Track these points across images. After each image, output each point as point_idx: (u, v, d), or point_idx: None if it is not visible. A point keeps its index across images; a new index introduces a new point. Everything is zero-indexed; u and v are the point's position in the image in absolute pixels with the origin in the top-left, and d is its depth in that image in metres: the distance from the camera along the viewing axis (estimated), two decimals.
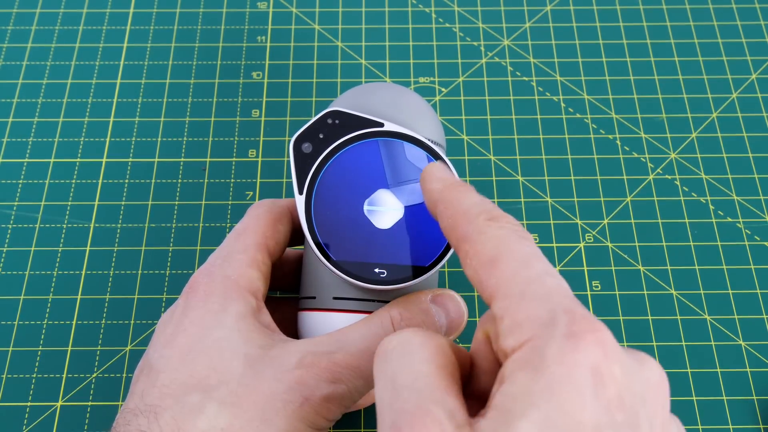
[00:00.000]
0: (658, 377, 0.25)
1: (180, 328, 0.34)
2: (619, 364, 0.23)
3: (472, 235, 0.28)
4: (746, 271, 0.47)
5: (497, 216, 0.28)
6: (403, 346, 0.26)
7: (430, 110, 0.39)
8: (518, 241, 0.27)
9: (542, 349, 0.23)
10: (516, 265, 0.26)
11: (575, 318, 0.23)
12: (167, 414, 0.31)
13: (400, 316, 0.34)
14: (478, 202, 0.29)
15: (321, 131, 0.36)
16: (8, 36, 0.56)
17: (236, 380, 0.32)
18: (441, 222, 0.30)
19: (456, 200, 0.30)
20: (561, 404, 0.22)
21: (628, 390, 0.23)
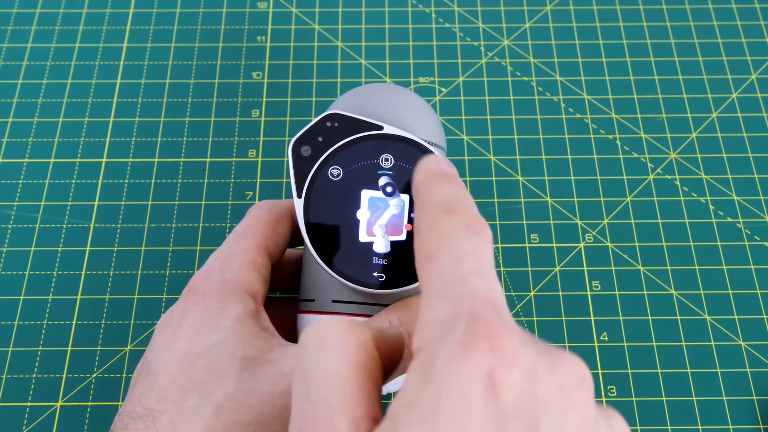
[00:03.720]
0: (575, 378, 0.23)
1: (178, 331, 0.34)
2: (518, 369, 0.21)
3: (423, 228, 0.27)
4: (746, 271, 0.47)
5: (454, 209, 0.27)
6: (322, 340, 0.25)
7: (431, 111, 0.39)
8: (463, 236, 0.26)
9: (435, 355, 0.22)
10: (446, 262, 0.25)
11: (475, 322, 0.22)
12: (165, 418, 0.31)
13: (399, 320, 0.34)
14: (447, 194, 0.28)
15: (320, 134, 0.36)
16: (8, 36, 0.56)
17: (234, 384, 0.32)
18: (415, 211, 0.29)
19: (427, 192, 0.29)
20: (448, 416, 0.21)
21: (528, 396, 0.21)
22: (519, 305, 0.46)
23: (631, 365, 0.44)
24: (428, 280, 0.25)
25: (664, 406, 0.43)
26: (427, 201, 0.28)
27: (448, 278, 0.24)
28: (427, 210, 0.28)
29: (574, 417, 0.22)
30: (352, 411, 0.23)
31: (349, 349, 0.24)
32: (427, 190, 0.29)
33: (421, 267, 0.26)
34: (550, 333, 0.45)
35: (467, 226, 0.26)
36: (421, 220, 0.28)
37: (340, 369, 0.24)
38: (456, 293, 0.24)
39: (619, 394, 0.43)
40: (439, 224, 0.26)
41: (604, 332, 0.45)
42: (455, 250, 0.25)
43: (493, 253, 0.26)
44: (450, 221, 0.26)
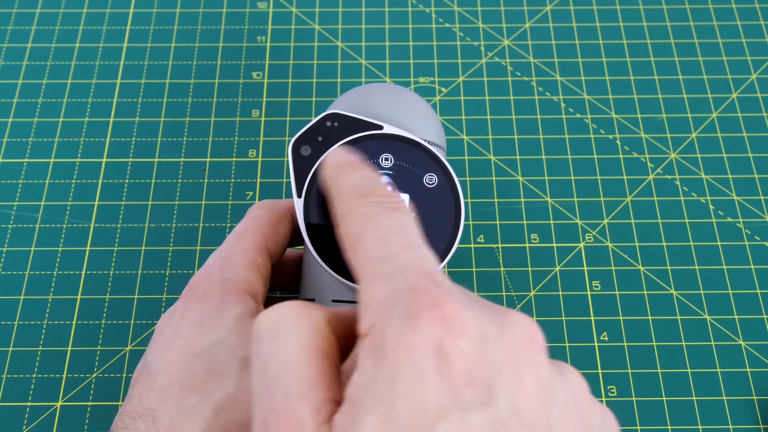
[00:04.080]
0: (526, 336, 0.23)
1: (178, 330, 0.34)
2: (467, 336, 0.22)
3: (344, 216, 0.27)
4: (746, 271, 0.47)
5: (368, 191, 0.27)
6: (275, 326, 0.25)
7: (431, 111, 0.39)
8: (383, 216, 0.26)
9: (383, 334, 0.22)
10: (373, 243, 0.25)
11: (416, 295, 0.22)
12: (165, 418, 0.31)
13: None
14: (357, 179, 0.28)
15: (320, 134, 0.36)
16: (8, 36, 0.56)
17: (234, 384, 0.32)
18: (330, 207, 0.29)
19: (338, 181, 0.29)
20: (404, 392, 0.21)
21: (480, 361, 0.21)
22: (519, 305, 0.46)
23: (631, 365, 0.44)
24: (360, 264, 0.25)
25: (664, 406, 0.43)
26: (340, 190, 0.28)
27: (378, 257, 0.24)
28: (341, 198, 0.28)
29: (529, 376, 0.22)
30: (312, 396, 0.23)
31: (302, 334, 0.24)
32: (337, 180, 0.29)
33: (350, 253, 0.26)
34: (550, 333, 0.45)
35: (384, 204, 0.26)
36: (338, 209, 0.28)
37: (296, 355, 0.24)
38: (390, 270, 0.23)
39: (619, 394, 0.43)
40: (356, 208, 0.27)
41: (604, 332, 0.45)
42: (379, 229, 0.25)
43: (417, 224, 0.26)
44: (366, 203, 0.26)
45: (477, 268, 0.47)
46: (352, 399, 0.22)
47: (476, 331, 0.22)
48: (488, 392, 0.21)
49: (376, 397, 0.21)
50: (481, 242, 0.48)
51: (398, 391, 0.21)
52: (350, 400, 0.22)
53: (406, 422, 0.21)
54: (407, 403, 0.21)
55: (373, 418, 0.21)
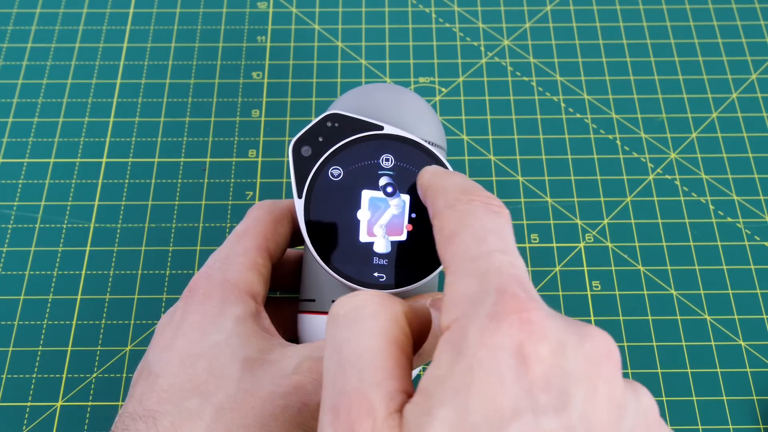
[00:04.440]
0: (603, 350, 0.23)
1: (179, 331, 0.34)
2: (547, 343, 0.22)
3: (442, 210, 0.27)
4: (746, 271, 0.47)
5: (470, 190, 0.27)
6: (354, 312, 0.25)
7: (431, 111, 0.39)
8: (484, 215, 0.26)
9: (466, 330, 0.22)
10: (470, 241, 0.25)
11: (504, 297, 0.23)
12: (166, 419, 0.31)
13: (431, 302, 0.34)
14: (460, 180, 0.29)
15: (320, 134, 0.36)
16: (8, 36, 0.56)
17: (234, 385, 0.32)
18: (428, 206, 0.30)
19: (439, 182, 0.29)
20: (480, 389, 0.21)
21: (559, 369, 0.22)
22: None
23: (631, 365, 0.44)
24: (453, 259, 0.25)
25: (664, 406, 0.43)
26: (442, 185, 0.29)
27: (472, 255, 0.25)
28: (444, 192, 0.28)
29: (603, 389, 0.22)
30: (386, 385, 0.23)
31: (382, 323, 0.25)
32: (439, 180, 0.30)
33: (444, 247, 0.26)
34: None
35: (486, 205, 0.27)
36: (438, 203, 0.28)
37: (374, 343, 0.24)
38: (482, 270, 0.24)
39: None
40: (458, 204, 0.27)
41: None
42: (478, 228, 0.26)
43: (513, 231, 0.27)
44: (469, 201, 0.27)
45: None
46: (426, 390, 0.22)
47: (556, 339, 0.22)
48: (562, 399, 0.21)
49: (452, 390, 0.22)
50: None
51: (475, 387, 0.21)
52: (424, 391, 0.22)
53: (480, 418, 0.21)
54: (483, 400, 0.21)
55: (447, 411, 0.21)
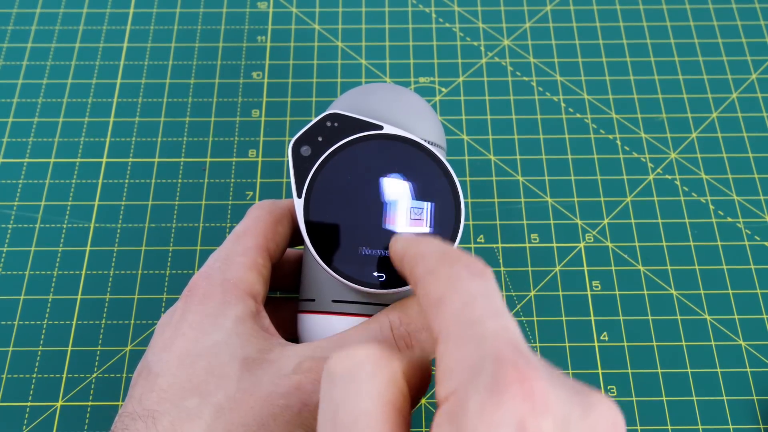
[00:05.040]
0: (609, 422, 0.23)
1: (179, 331, 0.34)
2: (551, 416, 0.21)
3: (425, 276, 0.27)
4: (746, 271, 0.47)
5: (451, 255, 0.27)
6: (351, 372, 0.24)
7: (430, 111, 0.39)
8: (468, 279, 0.25)
9: (465, 403, 0.22)
10: (458, 306, 0.24)
11: (502, 367, 0.22)
12: (165, 419, 0.31)
13: (399, 321, 0.34)
14: (437, 244, 0.28)
15: (320, 134, 0.36)
16: (8, 36, 0.56)
17: (234, 385, 0.32)
18: (405, 274, 0.29)
19: (416, 248, 0.29)
20: None
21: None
22: (519, 305, 0.46)
23: (631, 365, 0.44)
24: (444, 325, 0.24)
25: (664, 406, 0.43)
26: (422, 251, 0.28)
27: (464, 321, 0.24)
28: (422, 259, 0.27)
29: None
30: None
31: (379, 385, 0.24)
32: (414, 247, 0.29)
33: (432, 314, 0.25)
34: (550, 333, 0.45)
35: (467, 268, 0.26)
36: (418, 270, 0.27)
37: (370, 407, 0.23)
38: (476, 336, 0.23)
39: (619, 394, 0.43)
40: (440, 269, 0.26)
41: (604, 332, 0.45)
42: (465, 292, 0.25)
43: (500, 291, 0.26)
44: (451, 265, 0.26)
45: None
46: None
47: (560, 411, 0.22)
48: None
49: None
50: (481, 242, 0.48)
51: None
52: None
53: None
54: None
55: None
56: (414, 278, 0.28)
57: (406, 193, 0.36)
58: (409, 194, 0.36)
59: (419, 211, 0.36)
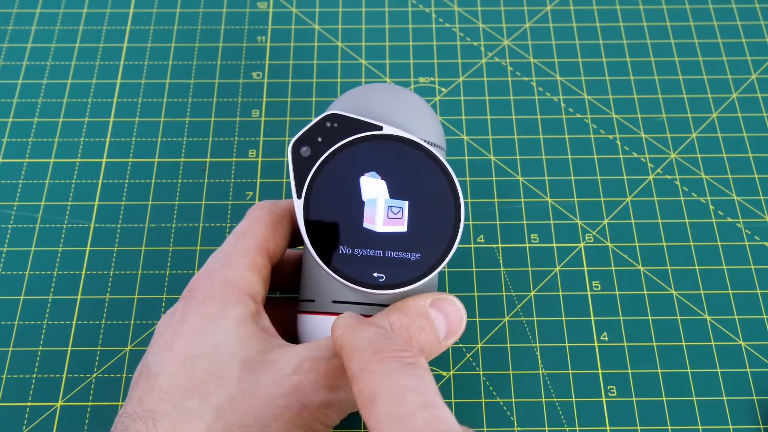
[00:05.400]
0: None
1: (179, 332, 0.34)
2: None
3: (358, 373, 0.27)
4: (746, 271, 0.47)
5: (382, 347, 0.27)
6: None
7: (430, 111, 0.39)
8: (400, 373, 0.26)
9: None
10: (390, 403, 0.25)
11: None
12: (166, 420, 0.31)
13: (399, 321, 0.34)
14: (370, 336, 0.28)
15: (319, 135, 0.36)
16: (8, 36, 0.56)
17: (234, 385, 0.32)
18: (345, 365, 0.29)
19: (350, 340, 0.29)
20: None
21: None
22: (519, 305, 0.46)
23: (631, 365, 0.44)
24: (376, 423, 0.25)
25: (664, 406, 0.43)
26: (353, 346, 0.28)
27: (395, 417, 0.25)
28: (356, 355, 0.28)
29: None
30: None
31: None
32: (349, 339, 0.29)
33: (366, 412, 0.26)
34: (550, 333, 0.45)
35: (399, 359, 0.27)
36: (352, 366, 0.28)
37: None
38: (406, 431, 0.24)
39: (619, 394, 0.43)
40: (371, 365, 0.27)
41: (604, 332, 0.45)
42: (395, 387, 0.26)
43: (432, 378, 0.27)
44: (381, 359, 0.27)
45: (477, 268, 0.47)
46: None
47: None
48: None
49: None
50: (481, 242, 0.48)
51: None
52: None
53: None
54: None
55: None
56: (350, 375, 0.28)
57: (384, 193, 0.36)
58: (408, 196, 0.36)
59: (398, 210, 0.36)
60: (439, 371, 0.44)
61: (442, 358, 0.44)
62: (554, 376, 0.44)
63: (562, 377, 0.44)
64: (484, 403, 0.43)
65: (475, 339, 0.45)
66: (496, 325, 0.45)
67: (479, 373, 0.44)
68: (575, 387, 0.43)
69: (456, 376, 0.44)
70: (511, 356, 0.44)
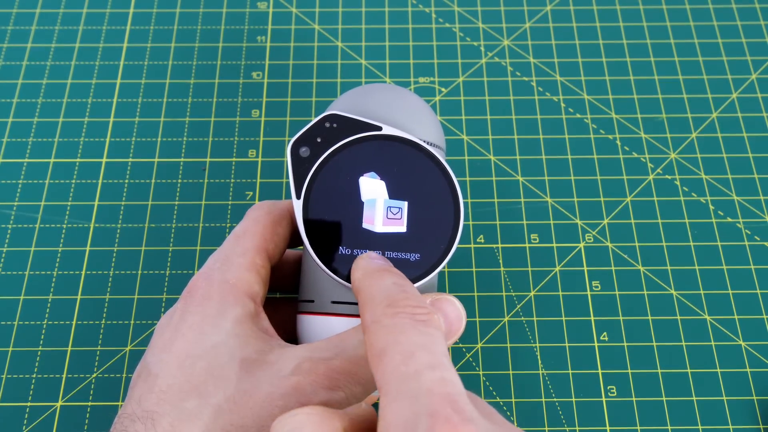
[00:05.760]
0: None
1: (178, 332, 0.34)
2: None
3: (369, 325, 0.27)
4: (746, 271, 0.47)
5: (397, 301, 0.27)
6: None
7: (430, 111, 0.39)
8: (410, 329, 0.26)
9: None
10: (398, 359, 0.25)
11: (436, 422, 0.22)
12: (165, 420, 0.31)
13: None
14: (387, 287, 0.28)
15: (319, 135, 0.36)
16: (8, 36, 0.56)
17: (233, 386, 0.32)
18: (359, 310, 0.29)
19: (368, 287, 0.29)
20: None
21: None
22: (519, 305, 0.46)
23: (631, 365, 0.44)
24: (383, 379, 0.25)
25: (664, 406, 0.43)
26: (369, 296, 0.28)
27: (402, 375, 0.24)
28: (370, 305, 0.28)
29: None
30: None
31: None
32: (366, 285, 0.29)
33: (375, 366, 0.26)
34: (550, 333, 0.45)
35: (413, 316, 0.26)
36: (366, 316, 0.28)
37: None
38: (413, 391, 0.24)
39: (619, 394, 0.43)
40: (384, 319, 0.27)
41: (604, 332, 0.45)
42: (405, 344, 0.25)
43: (443, 338, 0.26)
44: (394, 314, 0.26)
45: (477, 268, 0.47)
46: None
47: None
48: None
49: None
50: (481, 242, 0.48)
51: None
52: None
53: None
54: None
55: None
56: (362, 323, 0.28)
57: (384, 193, 0.36)
58: (407, 196, 0.36)
59: (397, 211, 0.36)
60: None
61: None
62: (554, 376, 0.44)
63: (562, 377, 0.44)
64: None
65: (475, 339, 0.45)
66: (496, 325, 0.45)
67: (479, 373, 0.44)
68: (575, 387, 0.43)
69: None
70: (511, 356, 0.44)
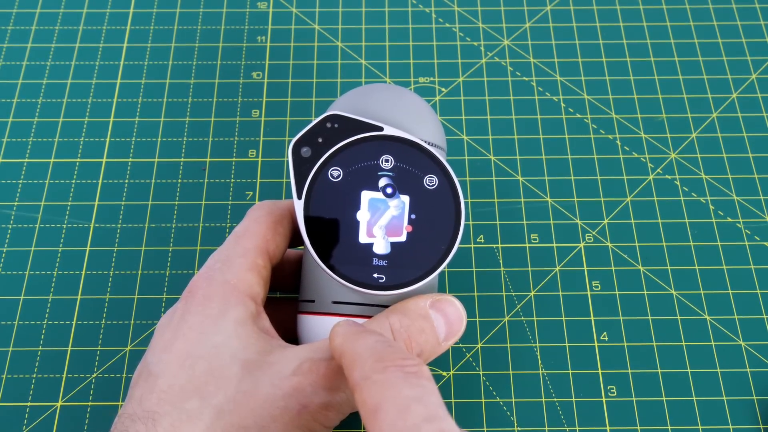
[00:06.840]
0: None
1: (179, 333, 0.34)
2: None
3: (360, 382, 0.27)
4: (746, 271, 0.47)
5: (385, 356, 0.27)
6: None
7: (430, 111, 0.39)
8: (402, 383, 0.26)
9: None
10: (394, 415, 0.25)
11: None
12: (165, 420, 0.31)
13: (399, 323, 0.34)
14: (371, 344, 0.28)
15: (320, 135, 0.36)
16: (8, 36, 0.56)
17: (234, 386, 0.32)
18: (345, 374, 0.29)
19: (351, 347, 0.29)
20: None
21: None
22: (519, 305, 0.46)
23: (631, 365, 0.44)
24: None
25: (664, 406, 0.43)
26: (355, 355, 0.28)
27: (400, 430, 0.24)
28: (358, 363, 0.28)
29: None
30: None
31: None
32: (350, 346, 0.29)
33: (370, 423, 0.26)
34: (550, 333, 0.45)
35: (402, 368, 0.26)
36: (354, 374, 0.27)
37: None
38: None
39: (619, 394, 0.43)
40: (373, 375, 0.26)
41: (604, 332, 0.45)
42: (398, 399, 0.25)
43: (437, 388, 0.26)
44: (385, 368, 0.26)
45: (477, 268, 0.47)
46: None
47: None
48: None
49: None
50: (481, 242, 0.48)
51: None
52: None
53: None
54: None
55: None
56: (352, 383, 0.28)
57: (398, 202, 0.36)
58: (408, 195, 0.36)
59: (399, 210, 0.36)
60: (439, 371, 0.44)
61: (442, 358, 0.44)
62: (554, 376, 0.44)
63: (562, 377, 0.44)
64: (484, 403, 0.43)
65: (475, 339, 0.45)
66: (496, 325, 0.45)
67: (479, 373, 0.44)
68: (575, 387, 0.43)
69: (456, 376, 0.44)
70: (511, 356, 0.44)
